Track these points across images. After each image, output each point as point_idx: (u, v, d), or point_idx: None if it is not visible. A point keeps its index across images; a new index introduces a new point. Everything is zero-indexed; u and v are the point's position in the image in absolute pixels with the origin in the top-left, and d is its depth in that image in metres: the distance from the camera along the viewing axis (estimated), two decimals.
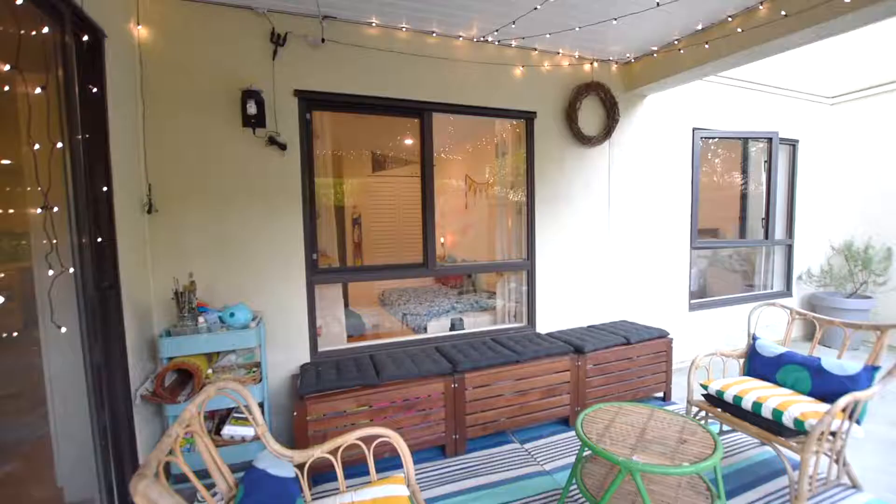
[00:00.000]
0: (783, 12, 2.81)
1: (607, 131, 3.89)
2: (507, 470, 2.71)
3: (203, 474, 1.52)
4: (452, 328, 3.75)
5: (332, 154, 4.83)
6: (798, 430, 2.24)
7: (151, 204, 2.58)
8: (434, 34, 3.22)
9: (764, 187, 5.05)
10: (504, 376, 2.98)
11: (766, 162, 5.01)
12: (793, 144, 5.29)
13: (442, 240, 6.20)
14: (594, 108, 3.90)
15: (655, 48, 3.63)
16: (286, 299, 2.97)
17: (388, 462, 2.73)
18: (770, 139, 4.91)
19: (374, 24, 3.03)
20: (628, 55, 3.79)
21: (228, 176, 2.77)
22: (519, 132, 3.78)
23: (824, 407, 2.29)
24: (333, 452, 1.78)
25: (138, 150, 2.54)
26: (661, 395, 3.68)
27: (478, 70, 3.40)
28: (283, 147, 2.83)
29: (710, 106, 4.55)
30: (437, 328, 4.08)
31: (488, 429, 2.96)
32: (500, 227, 4.07)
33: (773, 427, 2.34)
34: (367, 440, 1.82)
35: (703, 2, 2.83)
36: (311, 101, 2.96)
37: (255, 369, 2.62)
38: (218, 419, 2.64)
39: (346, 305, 5.24)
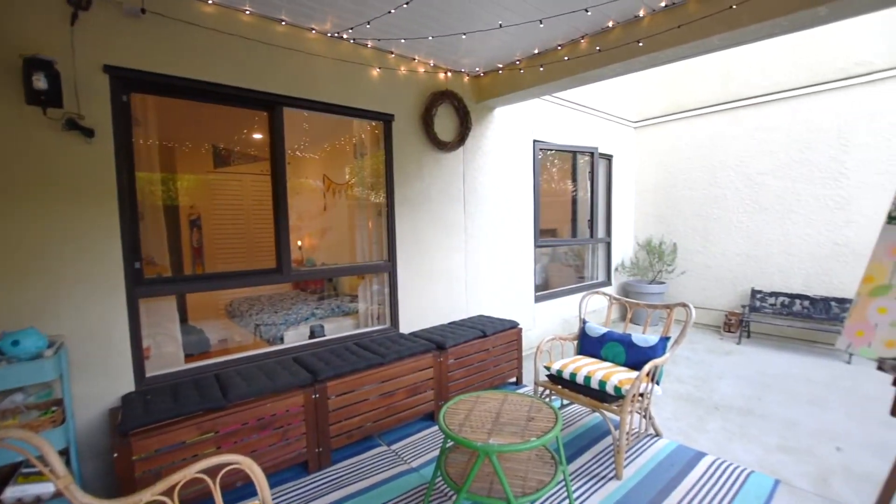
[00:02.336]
0: (598, 48, 3.34)
1: (461, 138, 4.13)
2: (375, 474, 2.66)
3: None
4: (312, 336, 3.55)
5: (160, 145, 4.16)
6: (617, 396, 2.67)
7: None
8: (283, 23, 3.01)
9: (589, 193, 5.96)
10: (369, 380, 2.93)
11: (590, 172, 5.91)
12: (609, 159, 6.35)
13: (299, 243, 5.85)
14: (449, 115, 4.10)
15: (501, 65, 3.98)
16: (99, 318, 2.45)
17: (242, 491, 2.45)
18: (592, 153, 5.81)
19: (209, 1, 2.70)
20: (478, 69, 4.09)
21: (5, 165, 2.17)
22: (378, 134, 3.78)
23: (635, 374, 2.78)
24: (168, 493, 1.51)
25: None
26: (514, 380, 4.04)
27: (334, 67, 3.29)
28: (88, 133, 2.32)
29: (547, 122, 5.18)
30: (296, 337, 3.82)
31: (354, 436, 2.88)
32: (360, 228, 4.00)
33: (600, 396, 2.75)
34: (213, 471, 1.59)
35: (538, 30, 3.19)
36: (128, 81, 2.49)
37: (54, 408, 2.10)
38: None
39: (185, 320, 4.59)
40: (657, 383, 2.84)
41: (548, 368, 3.07)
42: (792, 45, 5.11)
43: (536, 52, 3.67)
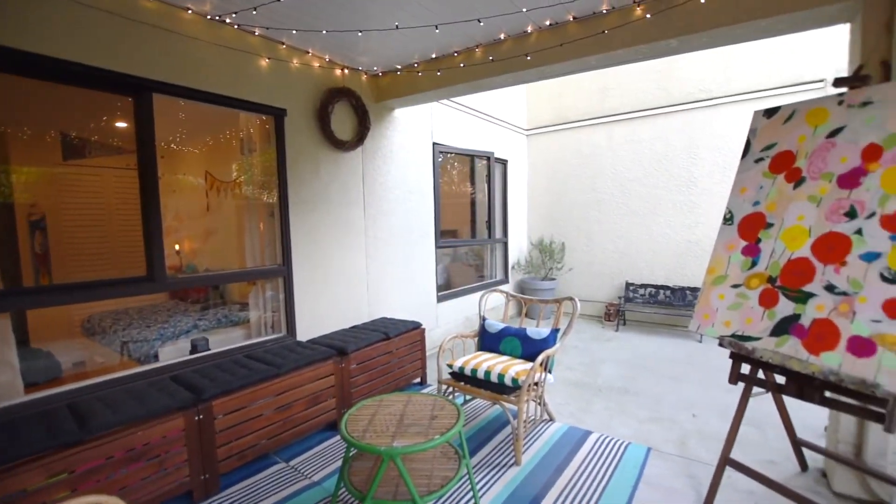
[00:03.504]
0: (491, 57, 3.50)
1: (360, 138, 4.04)
2: (273, 494, 2.47)
3: None
4: (195, 350, 3.17)
5: None
6: (515, 387, 2.82)
7: None
8: None
9: (486, 196, 6.24)
10: (262, 394, 2.71)
11: (487, 176, 6.18)
12: (504, 163, 6.71)
13: (177, 247, 5.21)
14: (347, 113, 3.99)
15: (399, 67, 3.98)
16: None
17: None
18: (489, 157, 6.09)
19: None
20: (376, 68, 4.03)
21: None
22: (269, 129, 3.52)
23: (530, 365, 2.95)
24: None
25: None
26: (418, 380, 4.05)
27: (215, 53, 3.00)
28: None
29: (446, 125, 5.30)
30: (174, 353, 3.40)
31: (247, 456, 2.64)
32: (250, 230, 3.69)
33: (499, 388, 2.88)
34: None
35: (434, 35, 3.25)
36: None
37: None
38: None
39: (25, 342, 3.83)
40: (550, 372, 3.06)
41: (450, 366, 3.13)
42: (656, 69, 5.89)
43: (434, 56, 3.73)
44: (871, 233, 1.80)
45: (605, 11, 3.00)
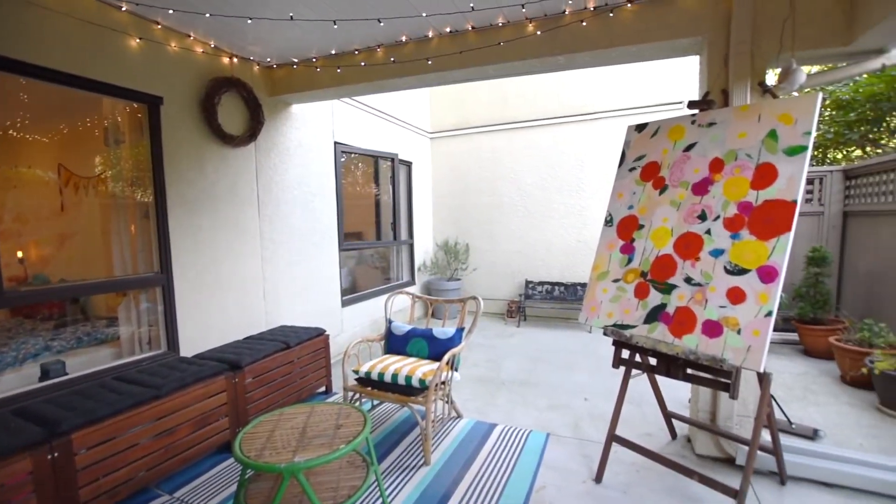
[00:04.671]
0: (392, 59, 3.49)
1: (252, 133, 3.75)
2: None
3: None
4: (46, 377, 2.67)
5: None
6: (423, 387, 2.83)
7: None
8: None
9: (391, 197, 6.20)
10: (138, 420, 2.37)
11: (391, 177, 6.15)
12: (409, 165, 6.72)
13: (20, 254, 4.33)
14: (237, 106, 3.68)
15: (296, 60, 3.77)
16: None
17: None
18: (393, 159, 6.06)
19: None
20: (269, 59, 3.78)
21: None
22: (141, 118, 3.10)
23: (437, 365, 2.99)
24: None
25: None
26: (323, 389, 3.88)
27: (70, 26, 2.56)
28: None
29: (348, 124, 5.16)
30: (17, 382, 2.81)
31: (120, 493, 2.29)
32: (119, 234, 3.22)
33: (408, 390, 2.86)
34: None
35: (333, 31, 3.14)
36: None
37: None
38: None
39: None
40: (456, 370, 3.12)
41: (356, 372, 3.05)
42: (551, 83, 6.36)
43: (334, 52, 3.61)
44: (717, 233, 2.13)
45: (500, 24, 3.15)
